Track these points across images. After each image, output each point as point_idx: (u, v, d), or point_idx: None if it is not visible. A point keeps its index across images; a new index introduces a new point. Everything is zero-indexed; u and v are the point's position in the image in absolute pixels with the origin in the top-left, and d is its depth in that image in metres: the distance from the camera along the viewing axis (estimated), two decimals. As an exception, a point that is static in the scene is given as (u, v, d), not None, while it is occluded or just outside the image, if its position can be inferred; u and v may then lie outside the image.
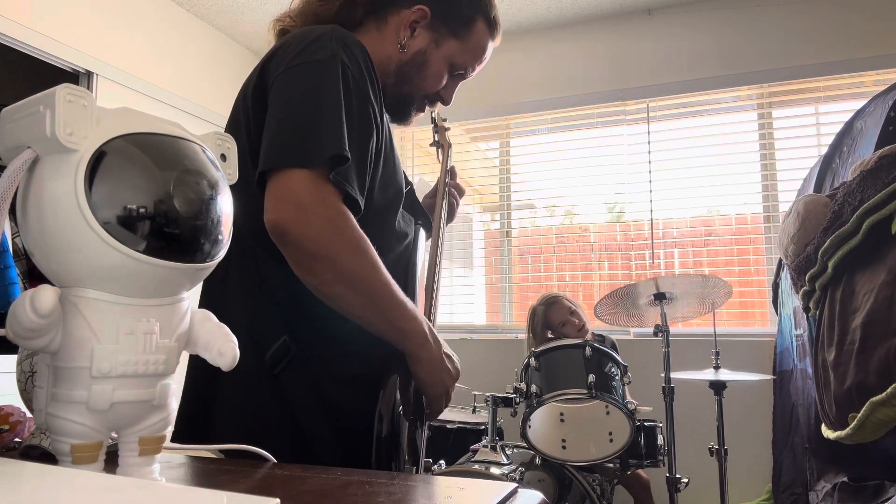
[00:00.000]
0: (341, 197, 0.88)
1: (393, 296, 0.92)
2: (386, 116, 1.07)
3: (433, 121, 1.45)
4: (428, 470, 1.10)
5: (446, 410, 2.66)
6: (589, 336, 2.68)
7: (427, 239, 1.23)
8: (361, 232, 0.89)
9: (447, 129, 1.46)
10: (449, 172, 1.37)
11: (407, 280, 1.07)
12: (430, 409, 1.04)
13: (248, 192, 0.89)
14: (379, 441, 0.91)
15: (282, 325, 0.95)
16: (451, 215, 1.38)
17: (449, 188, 1.35)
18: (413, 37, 1.09)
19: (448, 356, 1.00)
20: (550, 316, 2.76)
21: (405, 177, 1.13)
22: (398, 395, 0.96)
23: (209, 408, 0.96)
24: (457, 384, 1.04)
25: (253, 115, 0.95)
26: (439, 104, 1.21)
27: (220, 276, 0.98)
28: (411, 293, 1.07)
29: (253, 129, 0.95)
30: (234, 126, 1.00)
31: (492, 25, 1.16)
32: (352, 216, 0.89)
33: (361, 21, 1.09)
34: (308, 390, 0.94)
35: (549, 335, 2.77)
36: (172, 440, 0.97)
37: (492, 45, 1.19)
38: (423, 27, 1.09)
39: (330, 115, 0.88)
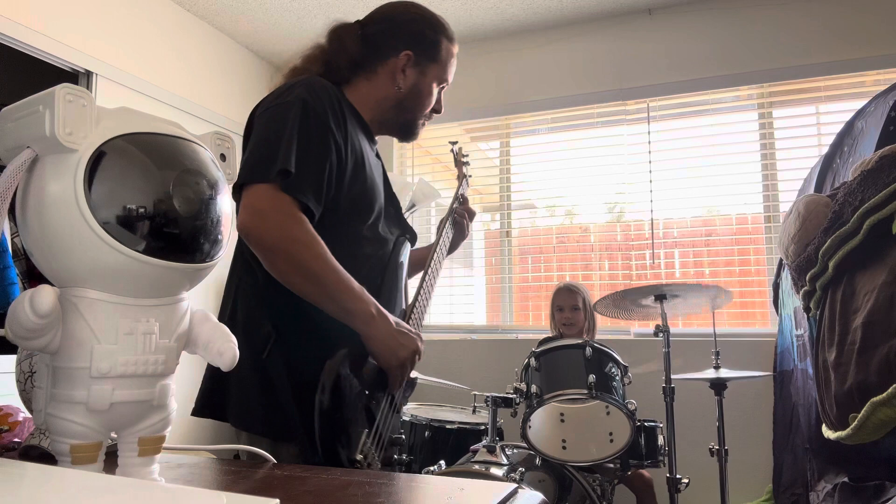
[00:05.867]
0: (297, 204, 1.08)
1: (339, 281, 1.09)
2: (361, 142, 1.26)
3: (453, 156, 1.74)
4: (394, 444, 1.23)
5: (447, 410, 2.69)
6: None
7: (412, 247, 1.41)
8: (311, 230, 1.08)
9: (466, 164, 1.74)
10: (460, 199, 1.64)
11: (383, 283, 1.24)
12: (390, 379, 1.18)
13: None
14: (322, 408, 1.06)
15: (267, 317, 1.13)
16: (461, 233, 1.64)
17: (459, 211, 1.62)
18: (405, 77, 1.34)
19: (402, 332, 1.15)
20: (556, 298, 2.89)
21: (393, 199, 1.33)
22: (346, 369, 1.10)
23: (220, 384, 1.15)
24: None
25: (244, 146, 1.20)
26: (438, 116, 1.46)
27: (229, 279, 1.23)
28: (388, 296, 1.24)
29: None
30: None
31: (451, 38, 1.40)
32: (304, 218, 1.08)
33: (349, 79, 1.33)
34: (285, 370, 1.11)
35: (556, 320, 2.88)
36: (194, 412, 1.16)
37: (456, 51, 1.43)
38: (410, 66, 1.34)
39: (284, 141, 1.09)
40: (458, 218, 1.63)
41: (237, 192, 1.09)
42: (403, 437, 1.25)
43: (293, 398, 1.10)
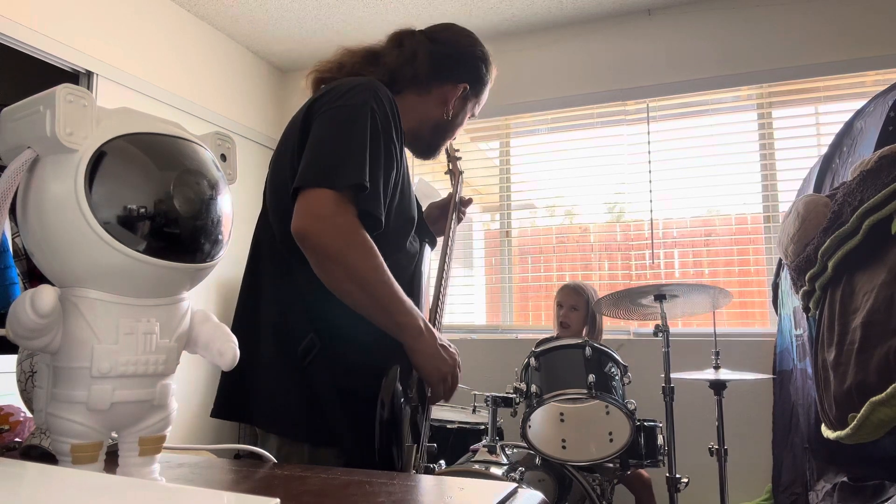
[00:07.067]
0: (357, 214, 1.05)
1: (393, 294, 1.07)
2: (404, 156, 1.25)
3: (447, 152, 1.69)
4: (431, 451, 1.28)
5: (447, 410, 2.69)
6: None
7: (432, 251, 1.41)
8: (371, 241, 1.05)
9: (459, 159, 1.71)
10: (458, 204, 1.63)
11: (412, 289, 1.23)
12: (432, 393, 1.19)
13: (286, 209, 1.07)
14: (381, 423, 1.06)
15: (309, 325, 1.12)
16: (459, 220, 1.64)
17: (459, 207, 1.62)
18: (454, 106, 1.38)
19: (444, 347, 1.15)
20: (558, 294, 2.87)
21: (419, 206, 1.31)
22: (398, 384, 1.11)
23: (247, 386, 1.14)
24: (459, 384, 1.17)
25: (298, 144, 1.13)
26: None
27: (252, 282, 1.20)
28: (416, 300, 1.22)
29: (297, 156, 1.12)
30: (281, 151, 1.20)
31: (493, 77, 1.44)
32: (362, 228, 1.06)
33: (401, 91, 1.33)
34: (329, 378, 1.11)
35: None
36: (213, 412, 1.16)
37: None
38: (460, 98, 1.38)
39: (355, 149, 1.07)
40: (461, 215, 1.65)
41: (294, 194, 1.05)
42: (435, 445, 1.28)
43: (339, 405, 1.10)
